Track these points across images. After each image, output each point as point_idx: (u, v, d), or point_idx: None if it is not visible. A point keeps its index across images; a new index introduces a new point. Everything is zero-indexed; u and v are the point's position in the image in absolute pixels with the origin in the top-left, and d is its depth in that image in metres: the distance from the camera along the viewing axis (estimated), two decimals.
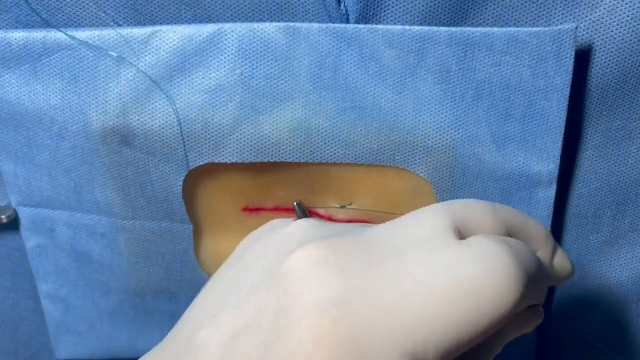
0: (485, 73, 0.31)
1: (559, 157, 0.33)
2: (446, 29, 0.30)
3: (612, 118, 0.34)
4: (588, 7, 0.32)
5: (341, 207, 0.36)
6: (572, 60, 0.31)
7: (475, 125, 0.32)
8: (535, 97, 0.32)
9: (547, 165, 0.34)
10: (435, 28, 0.30)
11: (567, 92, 0.32)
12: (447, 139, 0.33)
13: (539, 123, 0.32)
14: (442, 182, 0.34)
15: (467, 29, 0.30)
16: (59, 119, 0.33)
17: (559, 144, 0.33)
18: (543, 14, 0.32)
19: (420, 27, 0.30)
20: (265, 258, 0.25)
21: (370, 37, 0.31)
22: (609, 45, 0.32)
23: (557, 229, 0.38)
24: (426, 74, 0.31)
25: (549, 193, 0.34)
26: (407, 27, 0.30)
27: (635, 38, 0.31)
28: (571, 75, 0.31)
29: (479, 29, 0.30)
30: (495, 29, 0.30)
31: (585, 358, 0.43)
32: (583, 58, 0.33)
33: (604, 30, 0.32)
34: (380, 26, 0.31)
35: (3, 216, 0.37)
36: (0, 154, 0.35)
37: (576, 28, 0.30)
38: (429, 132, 0.32)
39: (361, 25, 0.31)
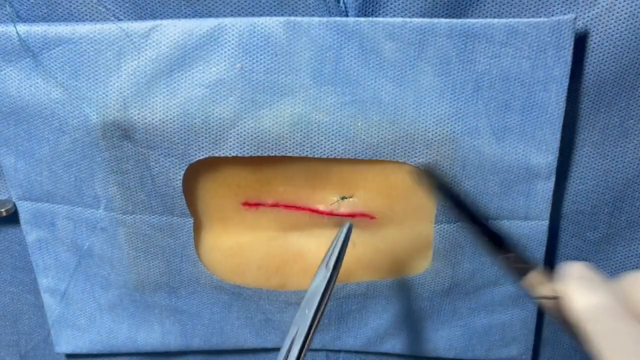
0: (485, 64, 0.31)
1: (558, 148, 0.33)
2: (446, 20, 0.31)
3: (609, 115, 0.34)
4: (587, 3, 0.32)
5: (342, 198, 0.36)
6: (572, 51, 0.31)
7: (475, 117, 0.33)
8: (535, 89, 0.32)
9: (546, 157, 0.34)
10: (436, 20, 0.31)
11: (566, 83, 0.32)
12: (447, 132, 0.33)
13: (538, 114, 0.33)
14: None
15: (467, 20, 0.31)
16: (60, 113, 0.33)
17: (557, 136, 0.33)
18: (542, 10, 0.32)
19: (420, 19, 0.31)
20: None
21: (371, 30, 0.31)
22: (607, 42, 0.32)
23: (554, 226, 0.38)
24: (426, 66, 0.31)
25: (548, 185, 0.35)
26: (408, 20, 0.31)
27: (633, 35, 0.32)
28: (570, 66, 0.31)
29: (479, 20, 0.31)
30: (495, 20, 0.31)
31: (581, 353, 0.43)
32: (581, 54, 0.33)
33: (603, 27, 0.32)
34: (380, 19, 0.31)
35: (3, 210, 0.37)
36: (1, 148, 0.35)
37: (575, 19, 0.30)
38: (430, 124, 0.33)
39: (362, 19, 0.31)
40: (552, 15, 0.32)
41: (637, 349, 0.21)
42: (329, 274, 0.31)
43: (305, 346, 0.29)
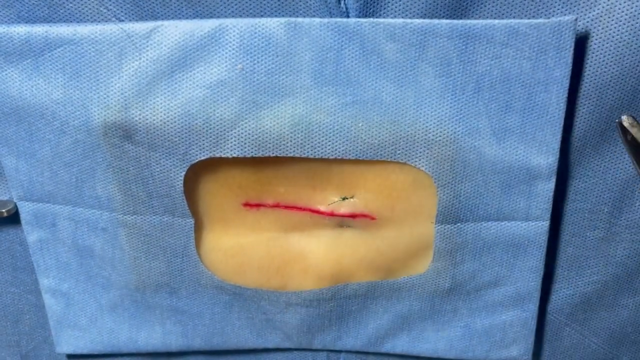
0: (486, 65, 0.32)
1: (559, 149, 0.34)
2: (447, 21, 0.31)
3: (610, 117, 0.34)
4: (586, 4, 0.32)
5: (343, 199, 0.36)
6: (572, 52, 0.31)
7: (475, 118, 0.33)
8: (535, 90, 0.32)
9: (547, 157, 0.34)
10: (437, 21, 0.31)
11: (566, 84, 0.32)
12: (448, 132, 0.33)
13: (538, 115, 0.33)
14: (443, 175, 0.34)
15: (468, 21, 0.31)
16: (61, 114, 0.33)
17: (558, 137, 0.33)
18: (542, 12, 0.32)
19: (421, 20, 0.31)
20: None
21: (372, 31, 0.31)
22: (607, 43, 0.32)
23: (554, 226, 0.38)
24: (427, 67, 0.32)
25: (549, 186, 0.35)
26: (409, 21, 0.31)
27: (633, 37, 0.32)
28: (571, 67, 0.31)
29: (480, 21, 0.31)
30: (496, 21, 0.31)
31: (581, 353, 0.43)
32: (581, 56, 0.33)
33: (603, 29, 0.32)
34: (381, 20, 0.31)
35: (4, 210, 0.38)
36: (2, 149, 0.36)
37: (576, 20, 0.31)
38: (430, 125, 0.33)
39: (363, 20, 0.31)
40: (553, 17, 0.32)
41: None
42: None
43: None
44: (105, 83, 0.32)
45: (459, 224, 0.36)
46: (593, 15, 0.32)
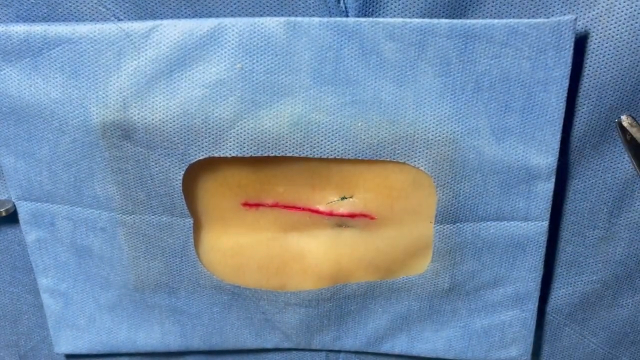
0: (485, 65, 0.31)
1: (558, 149, 0.34)
2: (447, 21, 0.31)
3: (609, 117, 0.34)
4: (586, 4, 0.32)
5: (342, 199, 0.36)
6: (572, 52, 0.31)
7: (475, 117, 0.33)
8: (535, 89, 0.32)
9: (546, 157, 0.34)
10: (436, 20, 0.31)
11: (566, 84, 0.32)
12: (447, 132, 0.33)
13: (538, 115, 0.33)
14: (442, 175, 0.34)
15: (468, 21, 0.31)
16: (60, 113, 0.33)
17: (557, 137, 0.33)
18: (541, 11, 0.32)
19: (420, 20, 0.31)
20: None
21: (371, 31, 0.31)
22: (606, 43, 0.32)
23: (554, 226, 0.38)
24: (427, 66, 0.32)
25: (548, 186, 0.35)
26: (408, 20, 0.31)
27: (633, 37, 0.32)
28: (570, 67, 0.31)
29: (479, 20, 0.31)
30: (496, 20, 0.31)
31: (580, 353, 0.43)
32: (581, 55, 0.33)
33: (602, 28, 0.32)
34: (381, 19, 0.31)
35: (2, 210, 0.37)
36: (1, 148, 0.35)
37: (575, 19, 0.31)
38: (430, 125, 0.33)
39: (362, 19, 0.31)
40: (552, 16, 0.32)
41: None
42: None
43: None
44: (104, 82, 0.32)
45: (458, 224, 0.36)
46: (593, 15, 0.32)
